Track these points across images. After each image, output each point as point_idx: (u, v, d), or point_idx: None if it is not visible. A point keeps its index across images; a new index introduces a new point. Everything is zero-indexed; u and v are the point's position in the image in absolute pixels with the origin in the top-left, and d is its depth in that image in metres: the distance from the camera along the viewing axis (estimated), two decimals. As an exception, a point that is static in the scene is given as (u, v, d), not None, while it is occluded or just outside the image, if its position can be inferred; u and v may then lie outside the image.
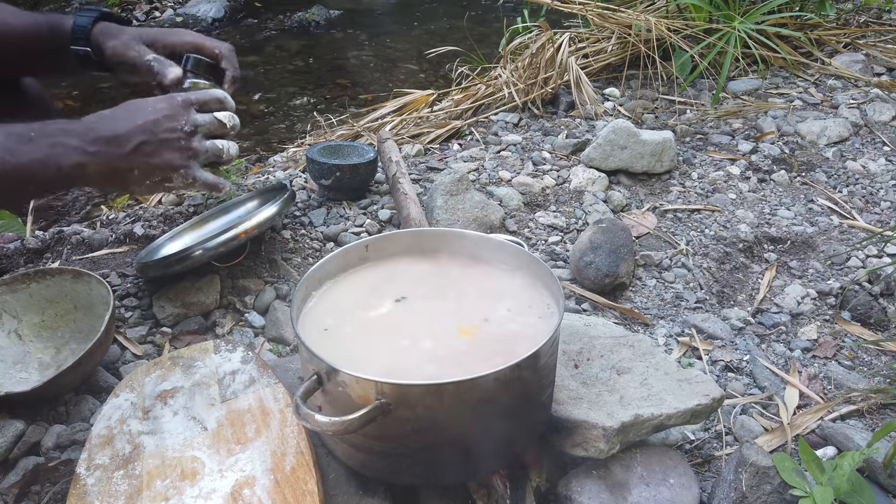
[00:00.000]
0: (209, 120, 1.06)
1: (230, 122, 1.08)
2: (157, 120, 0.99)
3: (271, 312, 1.28)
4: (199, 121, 1.04)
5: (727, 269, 1.47)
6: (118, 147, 0.97)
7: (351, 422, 0.73)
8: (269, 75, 3.28)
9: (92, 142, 0.95)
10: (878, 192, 1.72)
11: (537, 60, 2.10)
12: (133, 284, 1.33)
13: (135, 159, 0.98)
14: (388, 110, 2.27)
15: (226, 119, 1.07)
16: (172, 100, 1.04)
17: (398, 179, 1.58)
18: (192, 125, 1.02)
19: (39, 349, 1.16)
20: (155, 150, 0.98)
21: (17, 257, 1.42)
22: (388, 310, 0.95)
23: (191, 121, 1.03)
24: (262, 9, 4.26)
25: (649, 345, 1.06)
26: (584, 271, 1.36)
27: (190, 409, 0.97)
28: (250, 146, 2.48)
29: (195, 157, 1.04)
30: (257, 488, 0.83)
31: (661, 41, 2.18)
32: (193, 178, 1.04)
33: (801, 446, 0.92)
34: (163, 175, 1.01)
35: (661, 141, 1.73)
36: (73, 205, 1.95)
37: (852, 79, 2.26)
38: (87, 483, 0.86)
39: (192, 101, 1.05)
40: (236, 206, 1.53)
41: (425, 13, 4.14)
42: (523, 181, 1.70)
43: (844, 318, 1.32)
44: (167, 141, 1.00)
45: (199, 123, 1.04)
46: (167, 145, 1.00)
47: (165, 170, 1.01)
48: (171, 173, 1.01)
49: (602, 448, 0.88)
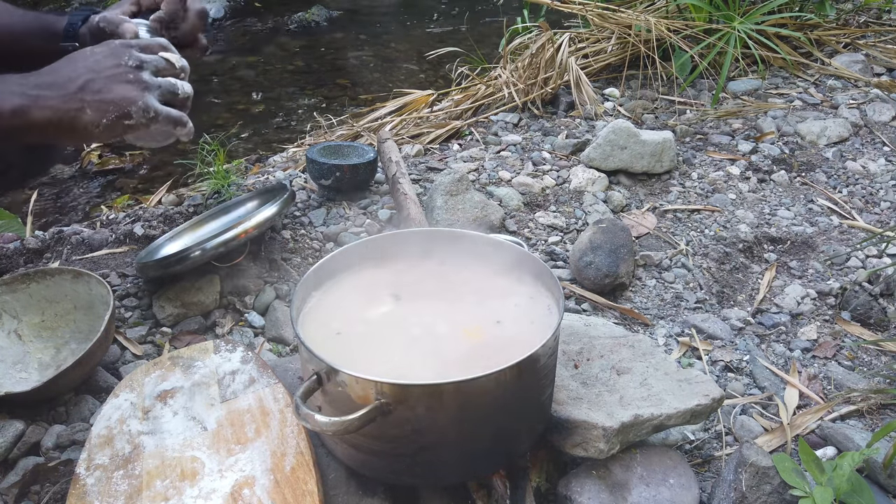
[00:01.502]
0: (154, 58, 1.00)
1: (178, 62, 1.02)
2: (99, 60, 0.95)
3: (271, 312, 1.28)
4: (144, 57, 0.98)
5: (727, 270, 1.47)
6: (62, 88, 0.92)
7: (351, 422, 0.73)
8: (269, 75, 3.27)
9: (34, 86, 0.91)
10: (878, 193, 1.72)
11: (537, 60, 2.10)
12: (133, 284, 1.33)
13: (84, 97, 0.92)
14: (387, 110, 2.27)
15: (174, 60, 1.01)
16: (110, 43, 0.98)
17: (398, 179, 1.58)
18: (136, 60, 0.97)
19: (39, 349, 1.16)
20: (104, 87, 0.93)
21: (17, 257, 1.42)
22: (388, 310, 0.95)
23: (134, 57, 0.97)
24: (262, 9, 4.26)
25: (649, 345, 1.06)
26: (584, 271, 1.36)
27: (190, 409, 0.97)
28: (250, 146, 2.48)
29: (149, 90, 0.97)
30: (257, 488, 0.83)
31: (660, 41, 2.18)
32: (154, 110, 0.97)
33: (800, 446, 0.92)
34: (118, 111, 0.94)
35: (660, 141, 1.73)
36: (74, 205, 1.95)
37: (852, 79, 2.26)
38: (86, 483, 0.86)
39: (132, 44, 0.99)
40: (236, 206, 1.53)
41: (425, 13, 4.14)
42: (523, 181, 1.70)
43: (844, 319, 1.32)
44: (114, 76, 0.94)
45: (145, 59, 0.98)
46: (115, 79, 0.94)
47: (120, 104, 0.94)
48: (127, 106, 0.94)
49: (602, 448, 0.88)
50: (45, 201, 2.10)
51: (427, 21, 3.88)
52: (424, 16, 4.09)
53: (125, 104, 0.94)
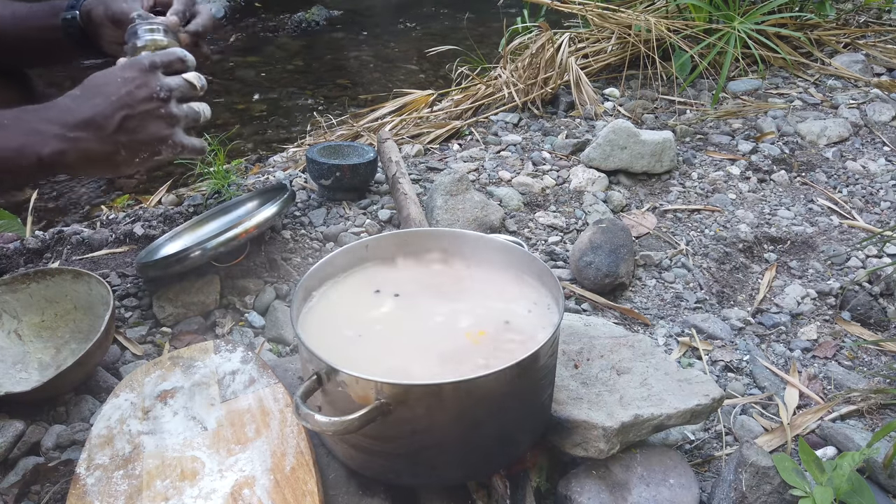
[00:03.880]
0: (181, 83, 0.99)
1: (198, 82, 1.01)
2: (131, 91, 0.93)
3: (271, 312, 1.28)
4: (172, 84, 0.97)
5: (727, 270, 1.47)
6: (100, 129, 0.91)
7: (351, 422, 0.73)
8: (269, 75, 3.28)
9: (72, 127, 0.90)
10: (878, 192, 1.72)
11: (537, 60, 2.10)
12: (133, 284, 1.33)
13: (119, 139, 0.92)
14: (387, 110, 2.27)
15: (194, 80, 1.01)
16: (140, 65, 0.96)
17: (398, 179, 1.58)
18: (166, 90, 0.96)
19: (39, 349, 1.16)
20: (139, 125, 0.93)
21: (17, 257, 1.42)
22: (388, 310, 0.95)
23: (164, 86, 0.96)
24: (262, 9, 4.26)
25: (649, 345, 1.06)
26: (584, 271, 1.36)
27: (190, 409, 0.97)
28: (250, 146, 2.48)
29: (178, 124, 0.97)
30: (257, 488, 0.83)
31: (660, 41, 2.18)
32: (181, 145, 0.97)
33: (801, 446, 0.92)
34: (150, 150, 0.95)
35: (660, 141, 1.73)
36: (75, 204, 1.95)
37: (852, 79, 2.26)
38: (86, 483, 0.86)
39: (158, 63, 0.97)
40: (236, 206, 1.53)
41: (426, 13, 4.14)
42: (523, 181, 1.70)
43: (844, 319, 1.32)
44: (148, 112, 0.93)
45: (173, 87, 0.97)
46: (149, 117, 0.94)
47: (153, 143, 0.94)
48: (159, 146, 0.95)
49: (602, 448, 0.88)
50: (45, 201, 2.10)
51: (420, 17, 3.88)
52: (424, 15, 4.09)
53: (158, 144, 0.95)
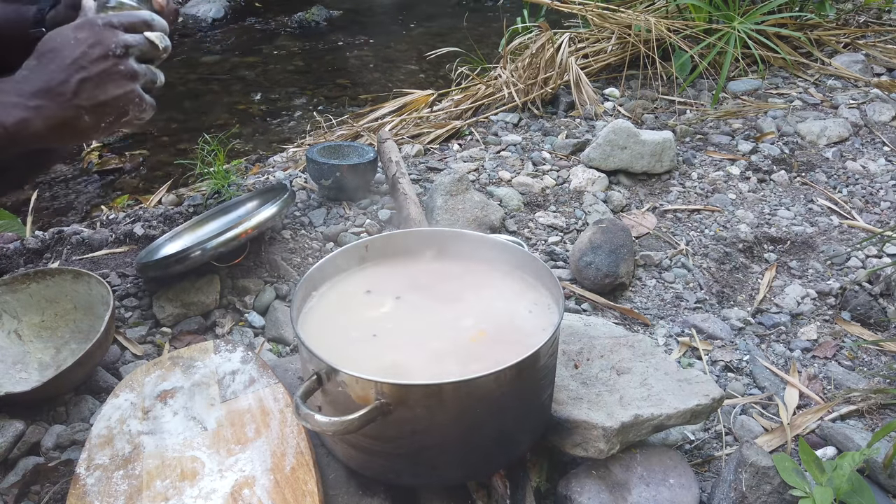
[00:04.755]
0: (140, 40, 0.94)
1: (161, 42, 0.96)
2: (85, 52, 0.89)
3: (271, 312, 1.28)
4: (130, 41, 0.92)
5: (727, 270, 1.47)
6: (59, 95, 0.88)
7: (351, 422, 0.73)
8: (269, 75, 3.27)
9: (30, 96, 0.87)
10: (878, 193, 1.72)
11: (537, 60, 2.10)
12: (133, 284, 1.33)
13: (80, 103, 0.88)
14: (387, 110, 2.27)
15: (157, 40, 0.95)
16: (93, 24, 0.92)
17: (398, 179, 1.58)
18: (122, 46, 0.91)
19: (39, 349, 1.16)
20: (98, 86, 0.89)
21: (17, 257, 1.42)
22: (388, 310, 0.95)
23: (120, 42, 0.91)
24: (262, 9, 4.26)
25: (649, 345, 1.06)
26: (584, 271, 1.36)
27: (190, 409, 0.97)
28: (250, 146, 2.48)
29: (137, 80, 0.93)
30: (257, 488, 0.83)
31: (660, 41, 2.18)
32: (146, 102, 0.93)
33: (801, 446, 0.92)
34: (116, 111, 0.91)
35: (660, 141, 1.73)
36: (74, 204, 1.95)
37: (852, 79, 2.26)
38: (86, 483, 0.86)
39: (115, 23, 0.93)
40: (236, 206, 1.53)
41: (425, 13, 4.14)
42: (523, 181, 1.70)
43: (844, 319, 1.32)
44: (105, 72, 0.89)
45: (131, 44, 0.92)
46: (107, 76, 0.90)
47: (117, 103, 0.91)
48: (124, 106, 0.91)
49: (602, 448, 0.88)
50: (45, 201, 2.10)
51: (420, 16, 3.88)
52: (424, 15, 4.09)
53: (121, 103, 0.91)
